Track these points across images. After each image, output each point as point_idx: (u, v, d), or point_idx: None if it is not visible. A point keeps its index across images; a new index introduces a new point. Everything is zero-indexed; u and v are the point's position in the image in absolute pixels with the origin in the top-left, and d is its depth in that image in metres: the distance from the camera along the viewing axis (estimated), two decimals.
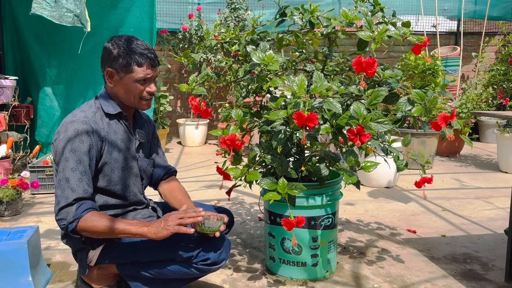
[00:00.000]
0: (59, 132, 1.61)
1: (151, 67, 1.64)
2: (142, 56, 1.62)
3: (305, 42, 2.12)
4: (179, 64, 6.30)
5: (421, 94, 1.68)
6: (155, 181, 1.93)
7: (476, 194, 3.45)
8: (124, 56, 1.61)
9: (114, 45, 1.63)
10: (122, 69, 1.62)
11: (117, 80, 1.66)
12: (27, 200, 3.26)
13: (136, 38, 1.67)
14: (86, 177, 1.58)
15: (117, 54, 1.61)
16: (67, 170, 1.55)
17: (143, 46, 1.64)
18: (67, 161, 1.56)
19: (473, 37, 6.81)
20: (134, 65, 1.61)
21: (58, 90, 4.39)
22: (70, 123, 1.60)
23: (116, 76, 1.65)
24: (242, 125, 1.82)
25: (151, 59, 1.64)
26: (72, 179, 1.54)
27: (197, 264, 1.59)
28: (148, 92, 1.68)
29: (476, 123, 5.97)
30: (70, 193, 1.53)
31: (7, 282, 1.77)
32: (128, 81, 1.64)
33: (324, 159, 1.91)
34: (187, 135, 5.78)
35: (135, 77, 1.63)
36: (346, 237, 2.53)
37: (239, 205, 3.16)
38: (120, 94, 1.68)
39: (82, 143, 1.57)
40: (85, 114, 1.64)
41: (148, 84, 1.67)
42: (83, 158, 1.57)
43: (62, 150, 1.57)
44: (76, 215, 1.50)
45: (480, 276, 2.05)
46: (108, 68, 1.65)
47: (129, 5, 4.34)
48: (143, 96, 1.68)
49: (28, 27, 4.24)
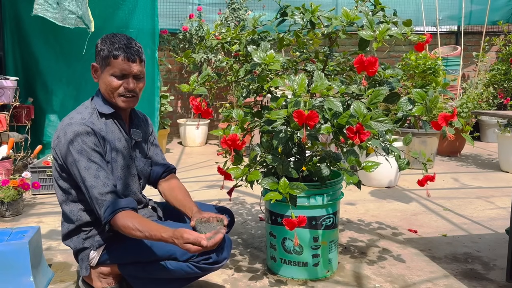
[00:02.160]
0: (59, 137, 1.60)
1: (127, 60, 1.60)
2: (119, 50, 1.60)
3: (306, 42, 2.12)
4: (180, 65, 6.31)
5: (422, 94, 1.68)
6: (154, 179, 1.92)
7: (477, 193, 3.45)
8: (104, 49, 1.61)
9: (101, 41, 1.64)
10: (102, 62, 1.63)
11: (99, 75, 1.66)
12: (28, 200, 3.26)
13: (124, 35, 1.66)
14: (103, 171, 1.57)
15: (100, 48, 1.62)
16: (82, 171, 1.55)
17: (124, 41, 1.62)
18: (78, 162, 1.56)
19: (474, 37, 6.80)
20: (111, 57, 1.60)
21: (67, 91, 4.45)
22: (68, 126, 1.59)
23: (99, 71, 1.66)
24: (243, 125, 1.82)
25: (130, 53, 1.61)
26: (88, 177, 1.55)
27: (198, 263, 1.59)
28: (125, 89, 1.64)
29: (477, 123, 5.96)
30: (92, 192, 1.55)
31: (9, 282, 1.77)
32: (106, 75, 1.63)
33: (325, 159, 1.91)
34: (187, 135, 5.79)
35: (111, 70, 1.61)
36: (347, 237, 2.53)
37: (240, 205, 3.16)
38: (102, 90, 1.68)
39: (85, 143, 1.57)
40: (81, 116, 1.63)
41: (126, 80, 1.64)
42: (92, 155, 1.57)
43: (69, 154, 1.56)
44: (105, 218, 1.53)
45: (481, 275, 2.04)
46: (93, 63, 1.67)
47: (131, 7, 4.37)
48: (120, 92, 1.65)
49: (33, 27, 4.27)
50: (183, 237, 1.44)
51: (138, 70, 1.65)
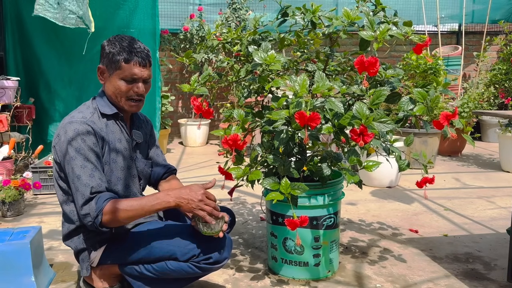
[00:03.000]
0: (59, 135, 1.60)
1: (138, 65, 1.61)
2: (131, 54, 1.59)
3: (307, 42, 2.12)
4: (181, 65, 6.31)
5: (423, 93, 1.68)
6: (155, 180, 1.92)
7: (478, 193, 3.45)
8: (114, 53, 1.60)
9: (108, 43, 1.63)
10: (111, 65, 1.62)
11: (106, 78, 1.65)
12: (29, 200, 3.27)
13: (131, 38, 1.66)
14: (98, 172, 1.56)
15: (108, 51, 1.61)
16: (76, 169, 1.54)
17: (134, 45, 1.62)
18: (75, 160, 1.55)
19: (475, 37, 6.80)
20: (122, 61, 1.59)
21: (69, 91, 4.46)
22: (69, 124, 1.59)
23: (106, 73, 1.64)
24: (244, 125, 1.82)
25: (141, 58, 1.61)
26: (83, 175, 1.53)
27: (199, 263, 1.59)
28: (135, 93, 1.65)
29: (478, 123, 5.96)
30: (85, 189, 1.52)
31: (10, 282, 1.77)
32: (115, 79, 1.62)
33: (326, 159, 1.91)
34: (188, 135, 5.79)
35: (121, 74, 1.61)
36: (348, 237, 2.53)
37: (241, 205, 3.16)
38: (109, 93, 1.67)
39: (84, 142, 1.56)
40: (83, 115, 1.63)
41: (135, 84, 1.64)
42: (89, 155, 1.56)
43: (67, 151, 1.56)
44: (97, 208, 1.50)
45: (482, 275, 2.04)
46: (100, 65, 1.65)
47: (132, 7, 4.37)
48: (129, 96, 1.65)
49: (34, 28, 4.27)
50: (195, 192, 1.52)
51: (148, 75, 1.66)
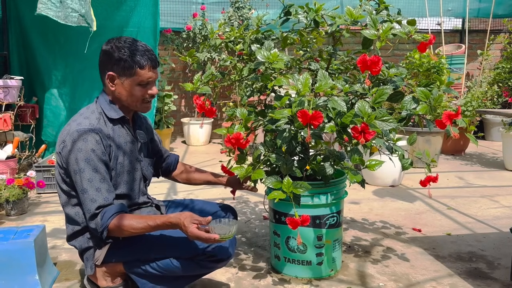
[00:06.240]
0: (65, 142, 1.58)
1: (152, 68, 1.63)
2: (143, 58, 1.60)
3: (310, 40, 2.11)
4: (183, 64, 6.31)
5: (426, 92, 1.68)
6: (169, 171, 2.05)
7: (482, 192, 3.44)
8: (125, 59, 1.59)
9: (114, 48, 1.60)
10: (124, 72, 1.61)
11: (118, 84, 1.64)
12: (33, 199, 3.28)
13: (135, 40, 1.65)
14: (105, 184, 1.57)
15: (118, 57, 1.59)
16: (84, 182, 1.54)
17: (143, 48, 1.62)
18: (83, 172, 1.54)
19: (478, 35, 6.77)
20: (137, 67, 1.59)
21: (64, 90, 4.43)
22: (77, 132, 1.57)
23: (118, 79, 1.63)
24: (246, 124, 1.82)
25: (152, 60, 1.63)
26: (90, 190, 1.54)
27: (203, 261, 1.59)
28: (149, 95, 1.67)
29: (481, 121, 5.94)
30: (91, 205, 1.54)
31: (14, 281, 1.78)
32: (131, 84, 1.62)
33: (328, 157, 1.91)
34: (191, 134, 5.79)
35: (137, 80, 1.61)
36: (351, 236, 2.53)
37: (243, 204, 3.16)
38: (123, 98, 1.66)
39: (94, 151, 1.55)
40: (90, 122, 1.61)
41: (150, 87, 1.66)
42: (98, 166, 1.56)
43: (75, 161, 1.55)
44: (102, 224, 1.52)
45: (486, 274, 2.04)
46: (109, 72, 1.62)
47: (133, 5, 4.36)
48: (144, 99, 1.67)
49: (33, 27, 4.28)
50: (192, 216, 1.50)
51: (157, 75, 1.69)
